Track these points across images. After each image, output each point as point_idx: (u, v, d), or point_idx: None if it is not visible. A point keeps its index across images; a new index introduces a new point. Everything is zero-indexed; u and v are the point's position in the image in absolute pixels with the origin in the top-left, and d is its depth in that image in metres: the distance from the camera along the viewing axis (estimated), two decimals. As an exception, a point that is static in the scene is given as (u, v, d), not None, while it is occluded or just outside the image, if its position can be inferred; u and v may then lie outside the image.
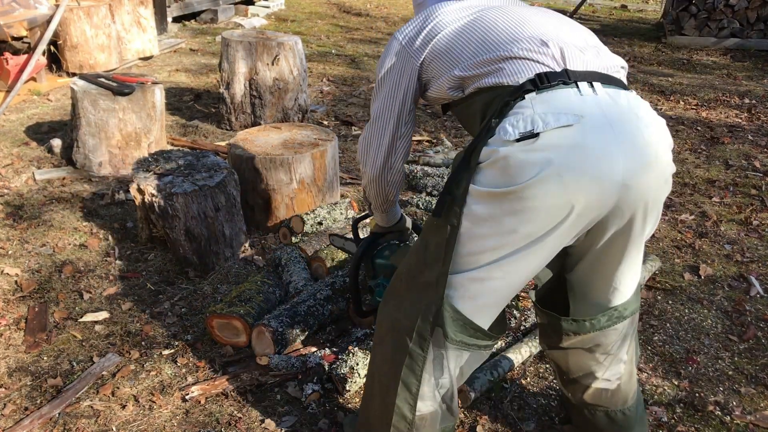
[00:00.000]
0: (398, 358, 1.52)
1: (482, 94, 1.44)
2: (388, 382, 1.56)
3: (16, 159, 3.88)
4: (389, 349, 1.55)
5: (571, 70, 1.36)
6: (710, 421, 2.11)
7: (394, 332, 1.54)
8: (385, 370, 1.58)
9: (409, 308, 1.50)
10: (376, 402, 1.63)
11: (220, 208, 2.81)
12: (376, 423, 1.64)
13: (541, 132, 1.27)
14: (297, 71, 4.48)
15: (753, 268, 3.04)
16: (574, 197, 1.28)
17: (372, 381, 1.66)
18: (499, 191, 1.31)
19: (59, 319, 2.49)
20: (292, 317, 2.31)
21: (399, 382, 1.53)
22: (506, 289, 1.45)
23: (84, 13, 5.34)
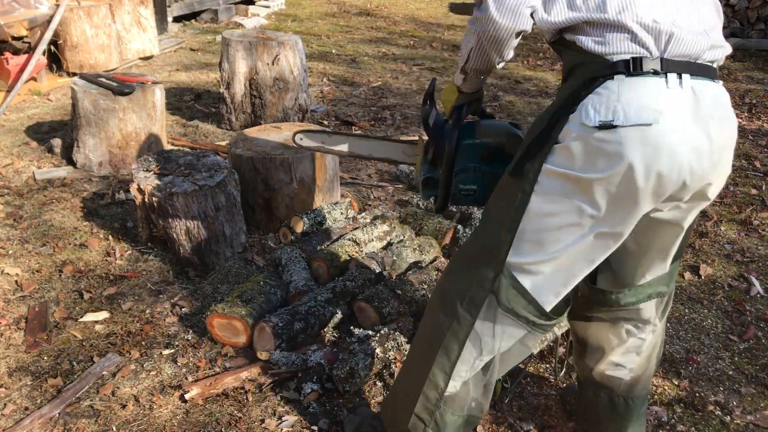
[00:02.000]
0: (445, 323, 1.52)
1: (577, 51, 1.39)
2: (428, 348, 1.56)
3: (16, 159, 3.89)
4: (437, 314, 1.55)
5: (666, 59, 1.33)
6: (710, 421, 2.11)
7: (444, 298, 1.55)
8: (428, 337, 1.58)
9: (465, 275, 1.51)
10: (411, 372, 1.62)
11: (220, 208, 2.81)
12: (405, 391, 1.63)
13: (620, 126, 1.28)
14: (297, 71, 4.49)
15: (753, 268, 3.04)
16: (641, 195, 1.31)
17: (411, 352, 1.66)
18: (572, 174, 1.34)
19: (59, 319, 2.50)
20: (292, 315, 2.32)
21: (440, 347, 1.52)
22: (566, 273, 1.45)
23: (84, 12, 5.34)
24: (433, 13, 9.86)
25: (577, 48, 1.38)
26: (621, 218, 1.35)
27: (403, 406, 1.64)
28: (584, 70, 1.36)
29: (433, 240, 2.92)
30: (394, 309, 2.43)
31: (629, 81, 1.31)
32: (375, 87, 5.83)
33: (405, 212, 3.23)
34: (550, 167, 1.37)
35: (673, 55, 1.33)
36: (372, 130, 4.74)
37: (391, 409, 1.74)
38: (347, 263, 2.72)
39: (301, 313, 2.34)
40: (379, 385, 2.20)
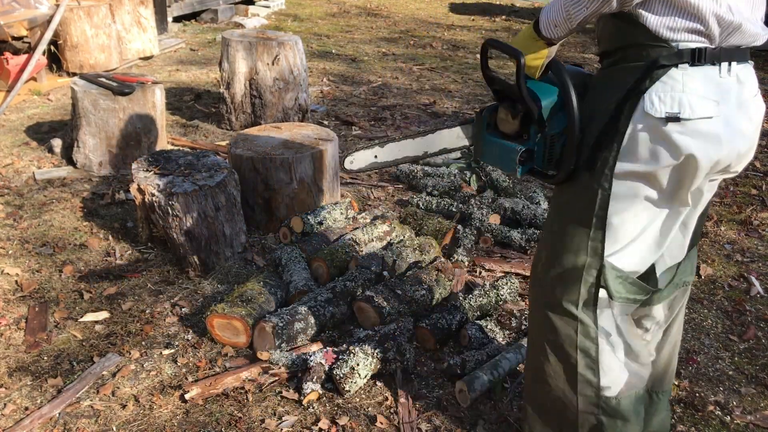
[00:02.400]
0: (570, 329, 1.59)
1: (639, 30, 1.36)
2: (564, 355, 1.62)
3: (16, 159, 3.89)
4: (556, 321, 1.61)
5: (722, 48, 1.35)
6: (710, 421, 2.11)
7: (555, 307, 1.60)
8: (559, 342, 1.62)
9: (566, 279, 1.56)
10: (554, 384, 1.67)
11: (220, 208, 2.81)
12: (556, 402, 1.69)
13: (685, 119, 1.33)
14: (297, 71, 4.48)
15: (753, 268, 3.04)
16: (699, 177, 1.41)
17: (542, 370, 1.69)
18: (641, 168, 1.41)
19: (59, 319, 2.50)
20: (292, 315, 2.32)
21: (577, 350, 1.59)
22: (653, 245, 1.54)
23: (84, 12, 5.34)
24: (433, 13, 9.85)
25: (641, 26, 1.36)
26: (684, 194, 1.45)
27: (559, 415, 1.70)
28: (644, 53, 1.37)
29: (433, 240, 2.92)
30: (394, 309, 2.43)
31: (692, 71, 1.34)
32: (375, 87, 5.83)
33: (405, 212, 3.23)
34: (623, 163, 1.42)
35: (730, 44, 1.36)
36: (372, 130, 4.74)
37: (541, 426, 1.77)
38: (347, 263, 2.72)
39: (301, 313, 2.34)
40: (379, 385, 2.20)
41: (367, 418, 2.06)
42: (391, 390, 2.18)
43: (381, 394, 2.17)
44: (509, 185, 3.55)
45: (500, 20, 9.46)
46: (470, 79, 6.26)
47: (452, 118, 5.09)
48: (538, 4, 10.92)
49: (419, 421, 2.05)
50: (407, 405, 2.10)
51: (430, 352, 2.37)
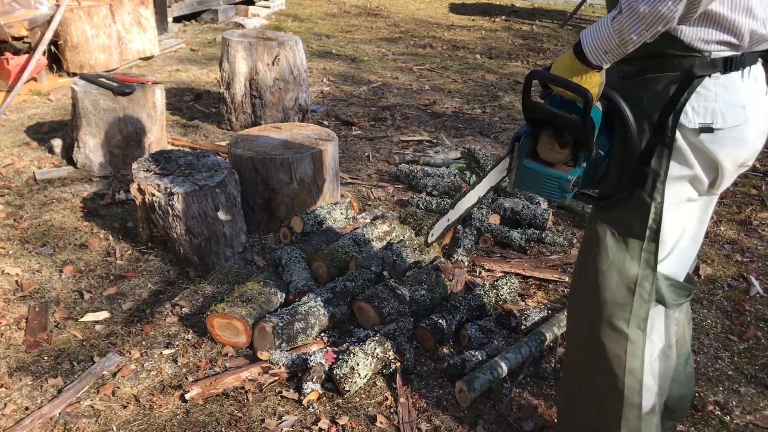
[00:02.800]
0: (620, 348, 1.57)
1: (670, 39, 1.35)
2: (611, 377, 1.59)
3: (16, 159, 3.89)
4: (604, 341, 1.58)
5: (746, 54, 1.37)
6: (710, 421, 2.11)
7: (605, 326, 1.57)
8: (605, 363, 1.60)
9: (616, 295, 1.55)
10: (600, 406, 1.65)
11: (220, 208, 2.81)
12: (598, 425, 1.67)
13: (717, 129, 1.37)
14: (297, 71, 4.49)
15: (753, 268, 3.04)
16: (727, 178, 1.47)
17: (586, 391, 1.68)
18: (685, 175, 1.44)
19: (60, 319, 2.50)
20: (292, 315, 2.32)
21: (625, 371, 1.57)
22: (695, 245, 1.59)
23: (84, 13, 5.34)
24: (433, 13, 9.86)
25: (674, 38, 1.34)
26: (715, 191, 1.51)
27: None
28: (678, 63, 1.37)
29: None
30: (394, 309, 2.43)
31: (723, 79, 1.36)
32: (375, 87, 5.83)
33: (405, 212, 3.23)
34: (671, 173, 1.44)
35: (753, 50, 1.38)
36: (372, 130, 4.75)
37: None
38: (347, 263, 2.72)
39: (301, 313, 2.34)
40: (379, 385, 2.20)
41: (367, 418, 2.06)
42: (391, 390, 2.18)
43: (381, 394, 2.17)
44: (509, 185, 3.55)
45: (500, 20, 9.46)
46: (470, 79, 6.26)
47: (452, 118, 5.10)
48: (537, 4, 10.92)
49: (419, 421, 2.05)
50: (407, 405, 2.10)
51: (430, 352, 2.37)
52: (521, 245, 3.06)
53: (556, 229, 3.32)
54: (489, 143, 4.57)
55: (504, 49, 7.61)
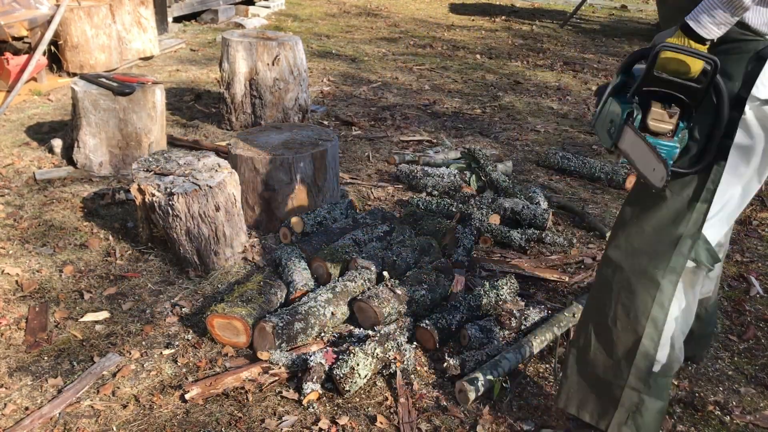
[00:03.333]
0: (649, 295, 1.69)
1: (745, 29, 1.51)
2: (631, 324, 1.71)
3: (16, 159, 3.89)
4: (636, 286, 1.70)
5: None
6: (710, 421, 2.11)
7: (640, 273, 1.69)
8: (631, 308, 1.71)
9: (657, 246, 1.67)
10: (612, 353, 1.76)
11: (220, 208, 2.81)
12: (608, 372, 1.77)
13: None
14: (297, 71, 4.49)
15: (753, 268, 3.04)
16: None
17: (604, 335, 1.77)
18: (745, 145, 1.57)
19: (60, 319, 2.50)
20: (292, 315, 2.32)
21: (648, 319, 1.69)
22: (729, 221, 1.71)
23: (84, 13, 5.34)
24: (433, 13, 9.86)
25: (741, 23, 1.50)
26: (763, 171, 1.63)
27: (606, 387, 1.79)
28: (745, 47, 1.52)
29: (433, 240, 2.92)
30: (394, 309, 2.43)
31: None
32: (375, 87, 5.84)
33: (405, 212, 3.23)
34: (736, 143, 1.55)
35: None
36: (372, 130, 4.75)
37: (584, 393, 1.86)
38: (347, 263, 2.72)
39: (301, 313, 2.34)
40: (379, 385, 2.20)
41: (367, 418, 2.06)
42: (391, 390, 2.18)
43: (381, 394, 2.17)
44: (509, 185, 3.55)
45: (500, 20, 9.46)
46: (470, 79, 6.26)
47: (452, 118, 5.10)
48: (537, 4, 10.92)
49: (419, 421, 2.05)
50: (407, 405, 2.10)
51: (430, 352, 2.37)
52: (521, 245, 3.06)
53: (556, 229, 3.32)
54: (489, 143, 4.57)
55: (504, 49, 7.61)
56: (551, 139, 4.72)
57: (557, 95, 5.91)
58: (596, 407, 1.84)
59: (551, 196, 3.68)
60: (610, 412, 1.80)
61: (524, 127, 4.96)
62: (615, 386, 1.77)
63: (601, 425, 1.83)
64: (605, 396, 1.80)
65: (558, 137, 4.78)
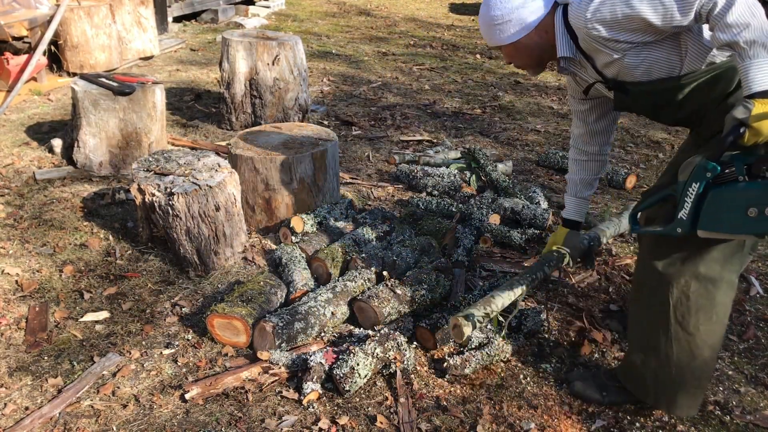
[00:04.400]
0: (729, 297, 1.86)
1: None
2: (718, 324, 1.87)
3: (16, 159, 3.89)
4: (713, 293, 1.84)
5: None
6: (710, 421, 2.11)
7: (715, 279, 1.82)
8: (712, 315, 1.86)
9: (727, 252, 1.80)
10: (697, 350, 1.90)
11: (220, 208, 2.81)
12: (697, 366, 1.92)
13: None
14: (297, 71, 4.49)
15: (753, 268, 3.04)
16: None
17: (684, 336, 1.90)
18: None
19: (60, 319, 2.50)
20: (292, 315, 2.32)
21: (728, 315, 1.89)
22: None
23: (84, 13, 5.34)
24: (433, 13, 9.86)
25: None
26: None
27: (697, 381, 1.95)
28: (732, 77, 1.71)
29: (433, 240, 2.92)
30: (394, 309, 2.43)
31: None
32: (375, 87, 5.83)
33: (405, 212, 3.23)
34: None
35: None
36: (372, 130, 4.75)
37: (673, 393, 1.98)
38: (347, 263, 2.72)
39: (301, 313, 2.34)
40: (379, 385, 2.20)
41: (367, 417, 2.06)
42: (391, 390, 2.18)
43: (381, 394, 2.17)
44: (509, 185, 3.55)
45: (500, 20, 9.45)
46: (470, 79, 6.26)
47: (452, 118, 5.10)
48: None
49: (419, 421, 2.05)
50: (407, 405, 2.10)
51: (430, 352, 2.37)
52: (521, 245, 3.06)
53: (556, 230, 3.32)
54: (489, 143, 4.57)
55: (504, 49, 7.61)
56: (551, 139, 4.72)
57: (557, 95, 5.91)
58: (687, 401, 1.99)
59: (551, 196, 3.68)
60: (699, 398, 2.00)
61: (524, 127, 4.96)
62: (704, 379, 1.96)
63: (691, 413, 2.02)
64: (698, 390, 1.97)
65: (558, 137, 4.78)
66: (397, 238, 2.93)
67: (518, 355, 2.38)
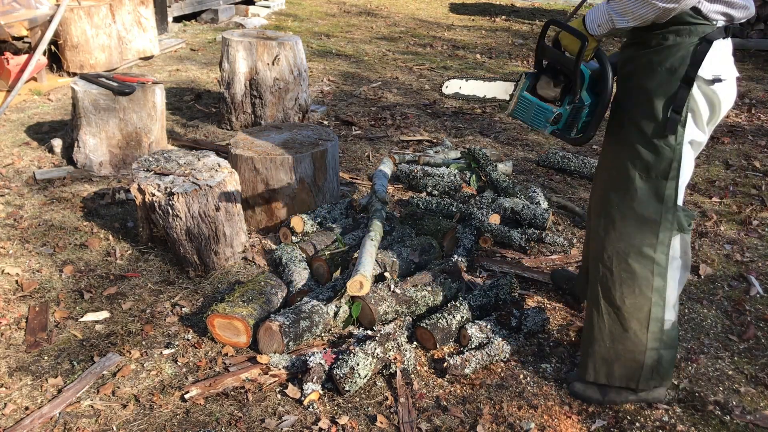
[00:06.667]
0: (648, 270, 1.94)
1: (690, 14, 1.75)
2: (640, 297, 1.97)
3: (16, 159, 3.89)
4: (634, 266, 1.95)
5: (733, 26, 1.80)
6: (710, 420, 2.11)
7: (635, 253, 1.94)
8: (636, 288, 1.96)
9: (644, 226, 1.91)
10: (627, 324, 2.01)
11: (220, 207, 2.81)
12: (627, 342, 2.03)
13: (723, 80, 1.79)
14: (297, 71, 4.49)
15: (753, 268, 3.04)
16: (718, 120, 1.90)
17: (617, 311, 2.02)
18: (699, 122, 1.85)
19: (60, 319, 2.50)
20: (296, 314, 2.32)
21: (652, 290, 1.96)
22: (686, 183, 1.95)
23: (85, 12, 5.34)
24: (433, 13, 9.86)
25: (695, 8, 1.73)
26: (709, 132, 1.92)
27: (628, 356, 2.04)
28: (694, 30, 1.76)
29: (433, 240, 2.92)
30: (392, 309, 2.43)
31: (724, 43, 1.80)
32: (375, 87, 5.83)
33: (405, 212, 3.23)
34: (690, 121, 1.83)
35: (738, 23, 1.81)
36: (372, 129, 4.75)
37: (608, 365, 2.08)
38: (347, 263, 2.72)
39: (305, 312, 2.34)
40: (379, 385, 2.20)
41: (367, 417, 2.06)
42: (391, 390, 2.18)
43: (381, 394, 2.17)
44: (509, 185, 3.55)
45: (500, 20, 9.46)
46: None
47: (452, 118, 5.10)
48: (537, 4, 10.91)
49: (419, 421, 2.05)
50: (407, 405, 2.10)
51: (430, 352, 2.37)
52: (521, 245, 3.06)
53: (556, 229, 3.32)
54: (489, 143, 4.57)
55: (504, 49, 7.61)
56: (551, 139, 4.72)
57: (557, 95, 5.90)
58: (624, 373, 2.08)
59: (551, 196, 3.69)
60: (637, 373, 2.07)
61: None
62: (637, 353, 2.03)
63: (631, 385, 2.09)
64: (630, 363, 2.06)
65: (558, 137, 4.78)
66: (397, 238, 2.93)
67: (518, 355, 2.38)
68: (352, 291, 2.33)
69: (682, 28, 1.77)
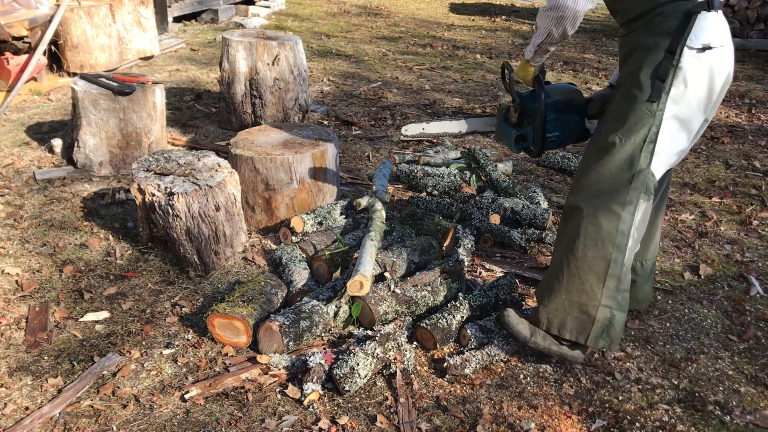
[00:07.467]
0: (612, 225, 2.03)
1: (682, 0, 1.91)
2: (601, 250, 2.05)
3: (16, 159, 3.89)
4: (602, 220, 2.04)
5: None
6: (710, 420, 2.11)
7: (603, 208, 2.04)
8: (599, 238, 2.05)
9: (616, 184, 2.02)
10: (585, 276, 2.08)
11: (220, 208, 2.81)
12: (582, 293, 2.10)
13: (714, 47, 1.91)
14: (297, 71, 4.49)
15: (753, 268, 3.04)
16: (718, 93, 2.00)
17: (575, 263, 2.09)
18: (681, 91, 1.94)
19: (60, 319, 2.50)
20: (296, 313, 2.32)
21: (614, 245, 2.04)
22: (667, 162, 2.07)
23: (85, 12, 5.34)
24: (433, 13, 9.86)
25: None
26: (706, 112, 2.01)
27: (581, 308, 2.11)
28: (679, 8, 1.91)
29: (433, 240, 2.92)
30: (392, 309, 2.43)
31: (710, 14, 1.91)
32: (375, 87, 5.83)
33: (405, 212, 3.23)
34: (674, 88, 1.93)
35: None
36: (372, 130, 4.75)
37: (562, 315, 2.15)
38: (348, 263, 2.72)
39: (305, 312, 2.34)
40: (379, 385, 2.20)
41: (367, 417, 2.06)
42: (391, 390, 2.18)
43: (381, 394, 2.17)
44: (509, 185, 3.55)
45: (500, 20, 9.46)
46: (470, 79, 6.26)
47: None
48: (537, 4, 10.91)
49: (419, 421, 2.05)
50: (407, 405, 2.10)
51: (430, 352, 2.37)
52: (521, 245, 3.06)
53: (556, 229, 3.32)
54: (489, 143, 4.57)
55: (504, 49, 7.61)
56: (551, 139, 4.72)
57: (557, 95, 5.90)
58: (575, 325, 2.14)
59: (551, 196, 3.68)
60: (587, 327, 2.13)
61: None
62: (591, 306, 2.10)
63: (580, 340, 2.15)
64: (583, 315, 2.12)
65: (558, 137, 4.78)
66: (397, 238, 2.93)
67: (518, 355, 2.38)
68: (352, 291, 2.34)
69: (666, 8, 1.93)
